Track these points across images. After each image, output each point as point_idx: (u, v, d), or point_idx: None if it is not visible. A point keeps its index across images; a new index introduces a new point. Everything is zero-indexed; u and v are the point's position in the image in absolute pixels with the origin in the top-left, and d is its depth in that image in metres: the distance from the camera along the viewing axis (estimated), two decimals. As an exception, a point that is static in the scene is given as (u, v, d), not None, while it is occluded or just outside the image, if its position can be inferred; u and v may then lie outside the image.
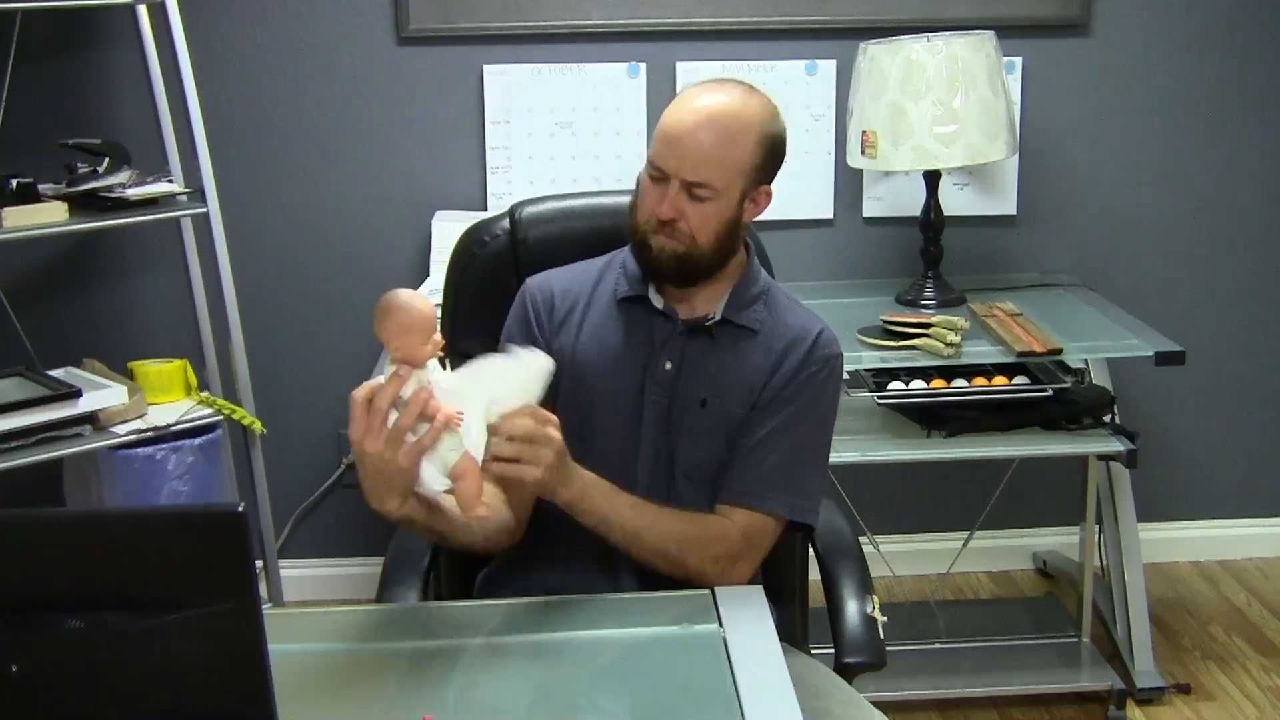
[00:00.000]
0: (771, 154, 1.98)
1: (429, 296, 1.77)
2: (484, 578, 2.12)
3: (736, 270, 2.03)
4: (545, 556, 2.00)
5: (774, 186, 1.98)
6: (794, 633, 2.15)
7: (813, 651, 2.18)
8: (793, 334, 2.02)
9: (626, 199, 2.02)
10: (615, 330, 2.02)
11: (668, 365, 1.99)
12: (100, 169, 2.97)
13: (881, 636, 1.95)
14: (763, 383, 1.99)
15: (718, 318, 2.01)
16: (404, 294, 1.75)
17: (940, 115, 3.01)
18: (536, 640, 1.74)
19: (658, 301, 2.02)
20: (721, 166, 1.92)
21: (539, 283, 2.08)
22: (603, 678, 1.70)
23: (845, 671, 1.94)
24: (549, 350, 1.97)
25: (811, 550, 2.17)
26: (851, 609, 1.97)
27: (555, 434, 1.79)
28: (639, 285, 2.02)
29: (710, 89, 1.98)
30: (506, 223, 2.24)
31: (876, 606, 1.97)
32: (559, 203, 2.27)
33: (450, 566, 2.19)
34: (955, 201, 3.40)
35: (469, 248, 2.24)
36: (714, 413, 1.98)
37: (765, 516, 1.96)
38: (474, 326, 2.18)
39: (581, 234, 2.20)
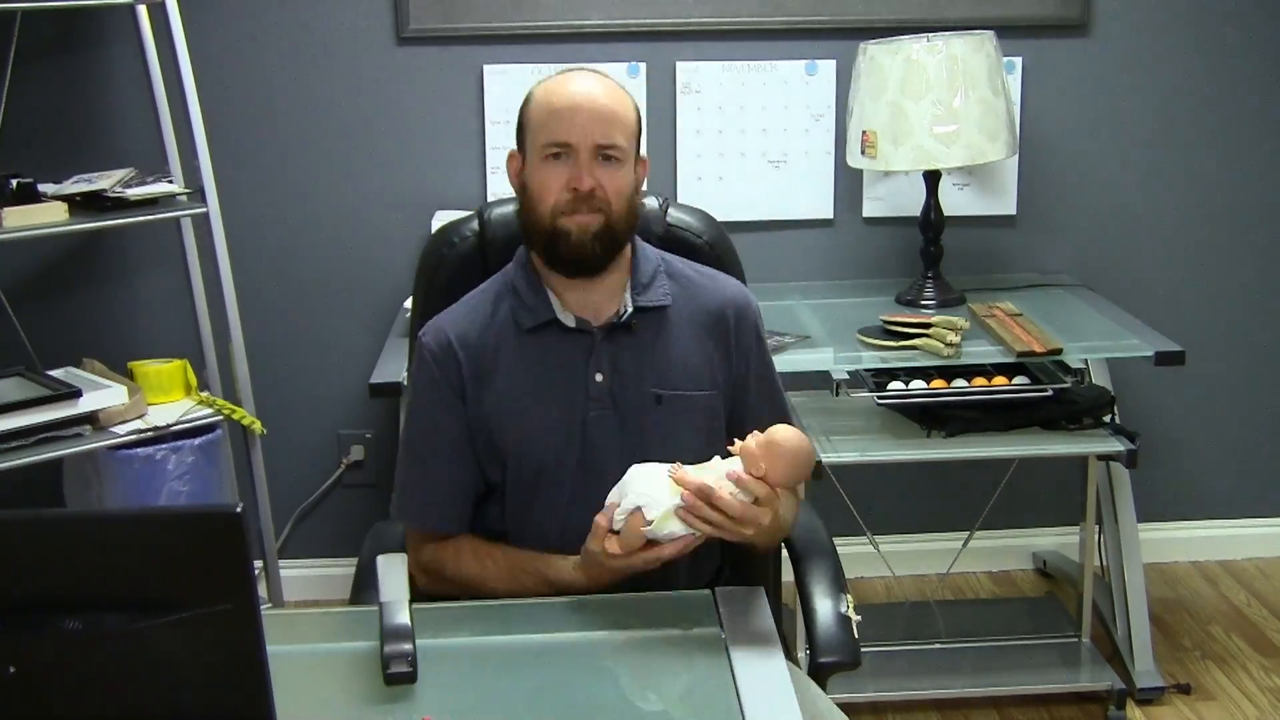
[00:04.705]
0: (640, 122, 2.00)
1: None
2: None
3: (627, 257, 2.02)
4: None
5: (773, 187, 1.97)
6: None
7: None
8: (714, 305, 2.05)
9: None
10: (532, 364, 1.99)
11: (598, 377, 1.97)
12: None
13: (856, 635, 1.94)
14: (723, 361, 2.02)
15: (630, 309, 1.99)
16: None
17: (940, 115, 3.01)
18: (536, 640, 1.74)
19: (568, 320, 1.99)
20: (624, 128, 1.94)
21: (434, 338, 2.02)
22: (603, 678, 1.70)
23: (820, 671, 1.93)
24: (463, 403, 1.98)
25: (785, 549, 2.16)
26: (825, 609, 1.96)
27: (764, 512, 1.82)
28: (543, 309, 1.99)
29: (569, 75, 1.99)
30: (475, 224, 2.22)
31: (851, 606, 1.97)
32: None
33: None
34: (955, 201, 3.40)
35: (438, 249, 2.22)
36: (673, 405, 1.98)
37: None
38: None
39: None
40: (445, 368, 1.99)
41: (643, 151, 2.02)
